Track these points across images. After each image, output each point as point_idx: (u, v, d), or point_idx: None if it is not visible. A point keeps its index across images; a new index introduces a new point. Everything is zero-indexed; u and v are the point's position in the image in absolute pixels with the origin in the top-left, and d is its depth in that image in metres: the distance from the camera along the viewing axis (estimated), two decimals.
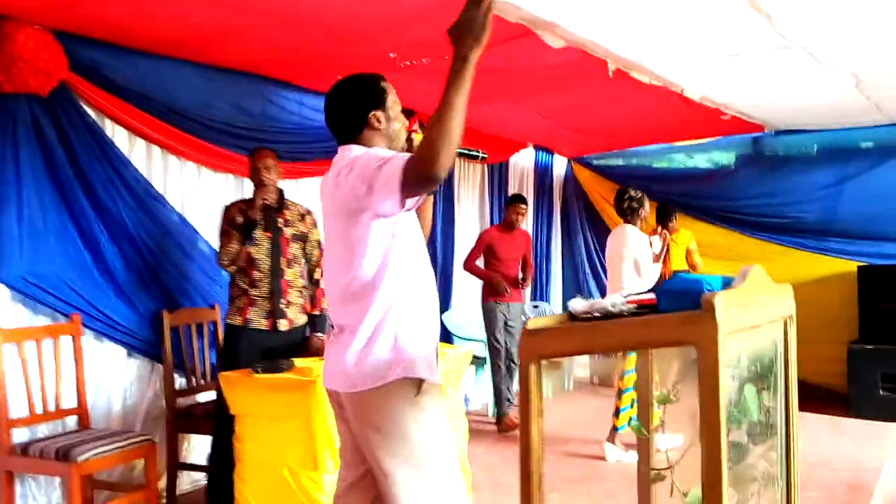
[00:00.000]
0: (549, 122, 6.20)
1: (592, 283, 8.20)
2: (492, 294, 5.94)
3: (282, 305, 3.92)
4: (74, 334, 3.81)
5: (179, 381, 4.36)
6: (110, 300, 4.08)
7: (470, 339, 6.46)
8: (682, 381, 2.10)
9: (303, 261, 4.09)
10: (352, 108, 2.25)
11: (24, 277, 3.70)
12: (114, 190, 4.12)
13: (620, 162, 8.21)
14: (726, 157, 7.60)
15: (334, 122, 2.30)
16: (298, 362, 3.55)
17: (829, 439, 5.38)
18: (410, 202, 2.02)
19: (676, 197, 7.42)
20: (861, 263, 6.76)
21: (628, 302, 1.87)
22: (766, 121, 6.93)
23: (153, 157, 4.40)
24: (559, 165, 8.32)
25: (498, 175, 7.26)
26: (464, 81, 1.88)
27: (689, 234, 6.78)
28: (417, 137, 2.34)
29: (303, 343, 4.01)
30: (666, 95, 5.55)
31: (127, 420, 4.21)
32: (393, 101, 2.30)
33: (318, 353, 3.85)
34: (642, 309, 1.86)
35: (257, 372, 3.41)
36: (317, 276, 4.08)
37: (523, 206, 6.04)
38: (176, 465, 4.22)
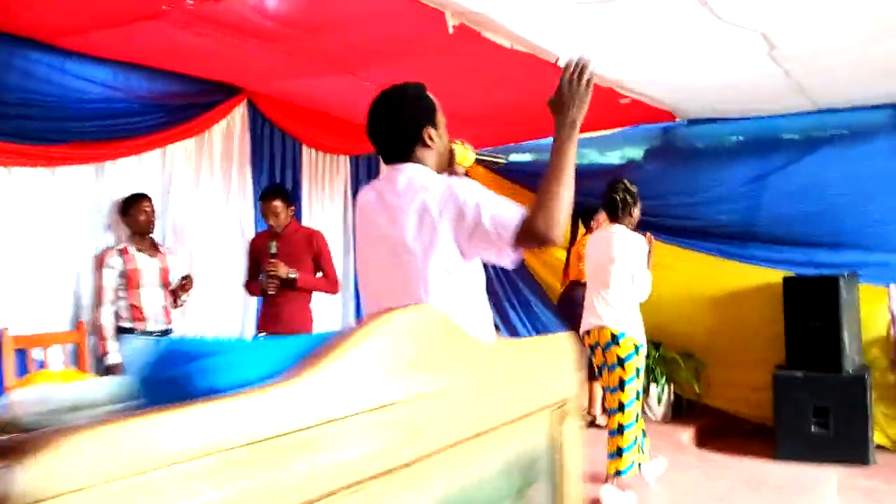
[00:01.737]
0: None
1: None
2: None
3: None
4: None
5: None
6: None
7: None
8: None
9: None
10: (406, 124, 2.18)
11: None
12: None
13: (527, 158, 7.11)
14: (636, 152, 6.54)
15: (385, 138, 2.21)
16: None
17: (749, 500, 4.31)
18: (515, 257, 2.01)
19: (579, 197, 6.33)
20: (788, 274, 5.67)
21: None
22: (677, 108, 5.90)
23: None
24: None
25: (367, 171, 6.06)
26: (574, 146, 2.05)
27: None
28: (458, 148, 2.44)
29: None
30: (539, 68, 4.45)
31: None
32: (440, 115, 2.23)
33: None
34: None
35: None
36: None
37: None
38: None
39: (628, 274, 4.39)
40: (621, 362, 4.28)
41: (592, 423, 5.82)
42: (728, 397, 6.02)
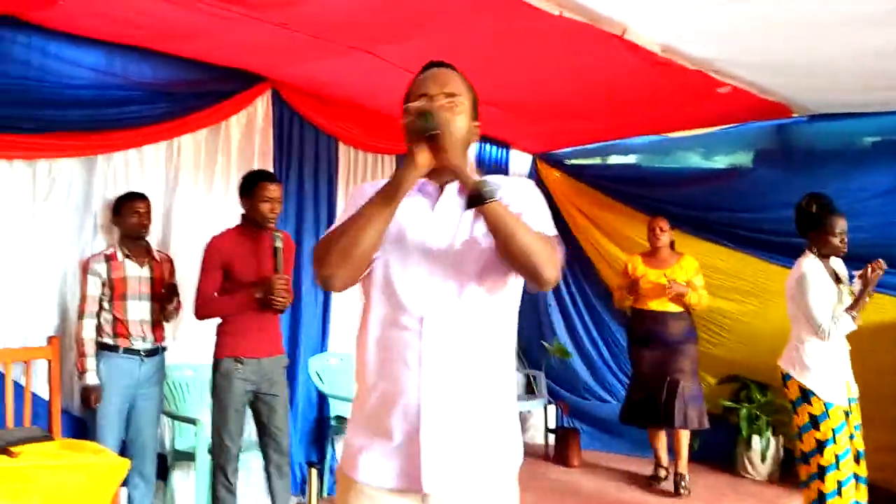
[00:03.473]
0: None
1: (558, 320, 6.19)
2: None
3: None
4: None
5: None
6: None
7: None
8: None
9: None
10: None
11: None
12: None
13: (600, 160, 6.21)
14: (741, 154, 5.51)
15: None
16: None
17: None
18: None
19: (671, 206, 5.40)
20: None
21: None
22: (793, 100, 4.83)
23: None
24: (519, 164, 6.33)
25: None
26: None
27: (695, 263, 4.97)
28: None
29: None
30: (606, 44, 3.62)
31: None
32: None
33: None
34: None
35: None
36: None
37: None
38: None
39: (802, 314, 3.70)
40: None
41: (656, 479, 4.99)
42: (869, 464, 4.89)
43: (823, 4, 3.22)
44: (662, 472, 5.02)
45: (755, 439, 5.09)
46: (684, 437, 4.80)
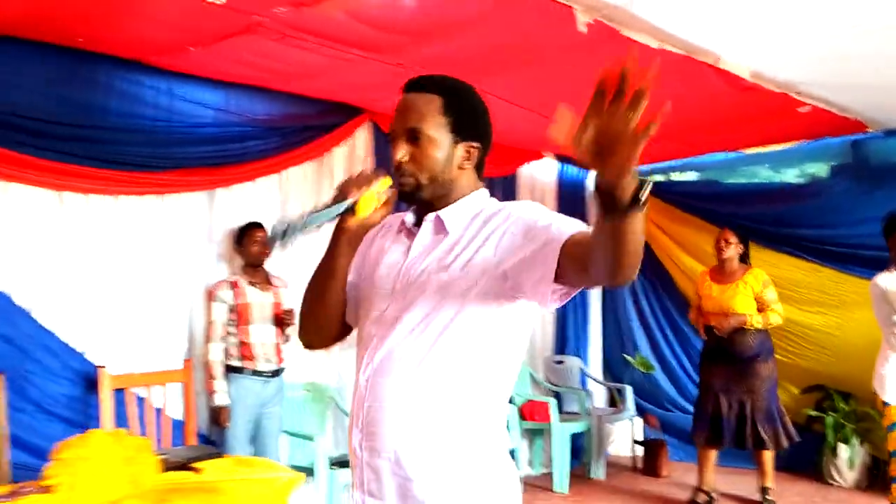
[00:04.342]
0: (526, 114, 4.45)
1: (640, 335, 6.33)
2: None
3: None
4: None
5: None
6: None
7: None
8: None
9: None
10: None
11: None
12: None
13: (679, 177, 6.35)
14: (816, 169, 5.61)
15: None
16: None
17: None
18: None
19: (748, 222, 5.52)
20: None
21: None
22: (869, 116, 4.94)
23: None
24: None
25: (502, 191, 5.52)
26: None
27: (763, 276, 4.78)
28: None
29: None
30: (698, 71, 3.80)
31: None
32: None
33: None
34: None
35: None
36: None
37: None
38: None
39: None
40: None
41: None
42: None
43: None
44: (702, 497, 4.77)
45: (841, 447, 5.16)
46: (766, 454, 4.69)
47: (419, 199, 1.55)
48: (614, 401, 6.05)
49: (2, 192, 3.37)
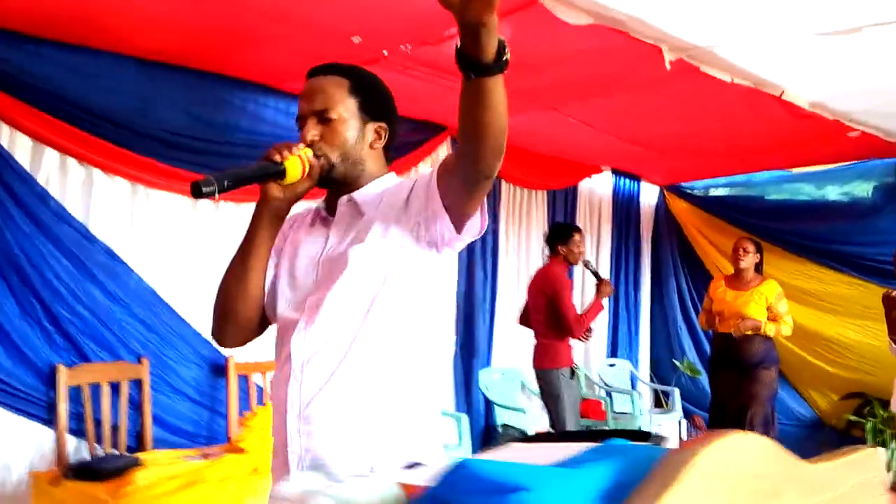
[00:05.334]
0: (595, 133, 4.87)
1: (687, 340, 6.70)
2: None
3: None
4: None
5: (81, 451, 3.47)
6: None
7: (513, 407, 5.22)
8: None
9: None
10: None
11: None
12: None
13: (726, 192, 6.72)
14: (861, 188, 5.96)
15: None
16: None
17: None
18: None
19: (792, 237, 5.90)
20: None
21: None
22: None
23: (69, 173, 3.56)
24: (648, 194, 6.91)
25: (564, 203, 5.96)
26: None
27: (777, 288, 4.92)
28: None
29: None
30: (762, 101, 4.18)
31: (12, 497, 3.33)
32: None
33: None
34: None
35: None
36: None
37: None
38: None
39: None
40: None
41: None
42: None
43: None
44: None
45: (880, 451, 5.49)
46: None
47: (332, 178, 1.54)
48: (659, 402, 6.42)
49: (145, 199, 3.81)
